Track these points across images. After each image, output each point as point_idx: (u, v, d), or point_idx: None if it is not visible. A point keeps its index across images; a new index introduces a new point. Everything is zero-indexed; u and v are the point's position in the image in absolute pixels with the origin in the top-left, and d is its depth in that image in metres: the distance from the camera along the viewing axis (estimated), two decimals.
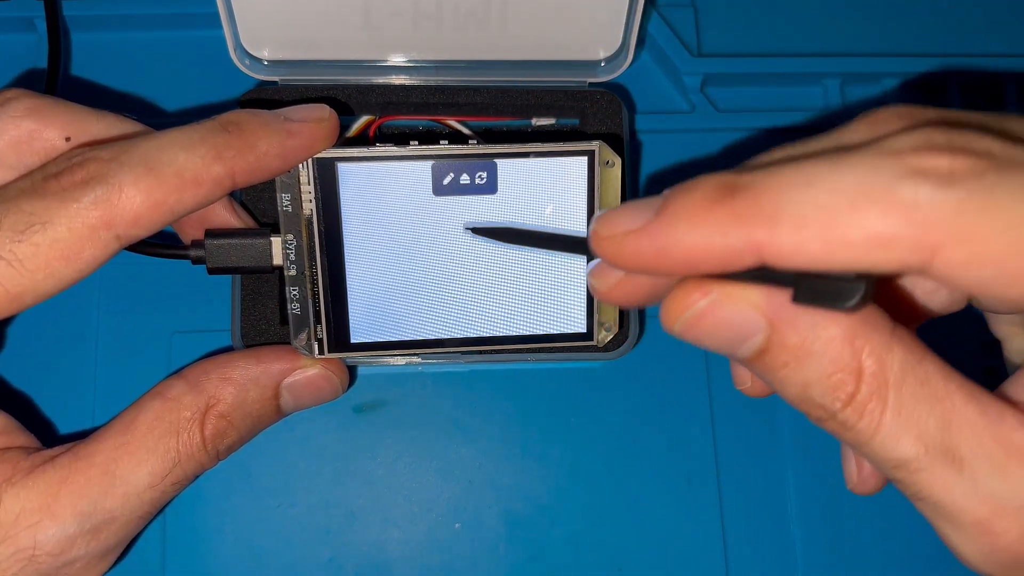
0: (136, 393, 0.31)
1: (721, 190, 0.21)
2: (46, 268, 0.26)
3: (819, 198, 0.20)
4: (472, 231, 0.32)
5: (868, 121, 0.22)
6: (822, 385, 0.22)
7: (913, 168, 0.19)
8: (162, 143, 0.28)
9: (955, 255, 0.19)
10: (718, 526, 0.39)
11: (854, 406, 0.22)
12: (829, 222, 0.19)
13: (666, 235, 0.21)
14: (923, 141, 0.20)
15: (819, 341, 0.22)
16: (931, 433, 0.21)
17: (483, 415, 0.39)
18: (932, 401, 0.21)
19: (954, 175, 0.19)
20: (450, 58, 0.39)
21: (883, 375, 0.21)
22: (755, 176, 0.21)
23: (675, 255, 0.21)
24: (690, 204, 0.21)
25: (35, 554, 0.27)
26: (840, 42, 0.44)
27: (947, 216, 0.19)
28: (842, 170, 0.20)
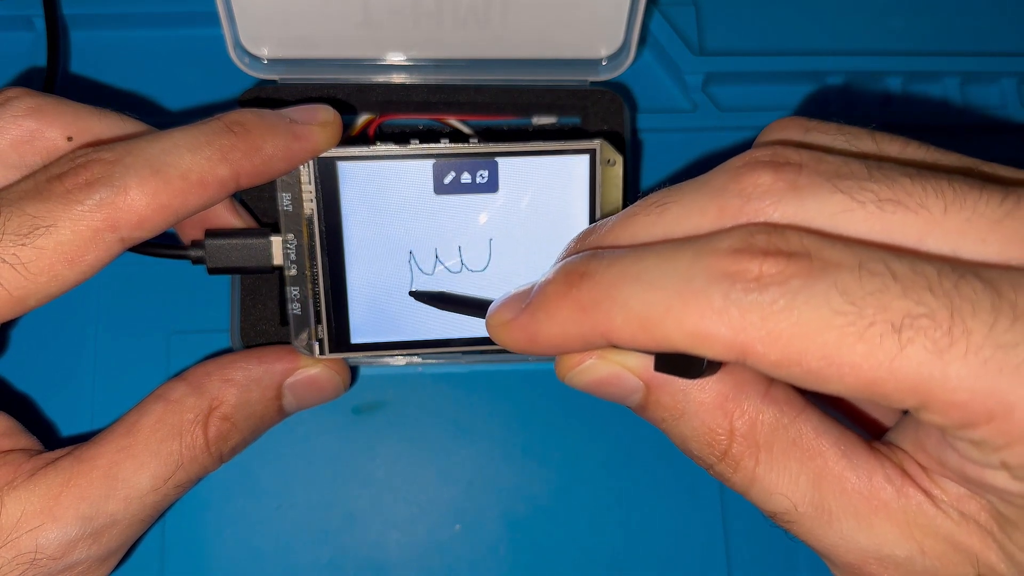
0: (136, 394, 0.31)
1: (569, 280, 0.23)
2: (49, 271, 0.26)
3: (644, 296, 0.21)
4: (413, 295, 0.33)
5: (732, 173, 0.23)
6: (697, 441, 0.25)
7: (726, 272, 0.20)
8: (167, 144, 0.28)
9: (765, 356, 0.20)
10: (720, 527, 0.38)
11: (727, 462, 0.24)
12: (651, 319, 0.21)
13: (530, 327, 0.25)
14: (743, 244, 0.21)
15: (691, 403, 0.25)
16: (801, 489, 0.24)
17: (483, 415, 0.39)
18: (804, 459, 0.24)
19: (762, 280, 0.20)
20: (451, 56, 0.39)
21: (753, 436, 0.24)
22: (599, 265, 0.23)
23: (542, 342, 0.24)
24: (545, 298, 0.24)
25: (36, 558, 0.27)
26: (842, 40, 0.44)
27: (754, 320, 0.20)
28: (667, 269, 0.21)
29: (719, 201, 0.23)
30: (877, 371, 0.19)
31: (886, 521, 0.23)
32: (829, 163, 0.22)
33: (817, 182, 0.22)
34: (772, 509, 0.24)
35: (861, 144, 0.24)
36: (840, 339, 0.19)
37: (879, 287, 0.19)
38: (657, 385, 0.25)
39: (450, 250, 0.33)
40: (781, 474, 0.24)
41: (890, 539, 0.23)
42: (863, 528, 0.23)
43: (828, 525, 0.23)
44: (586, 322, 0.23)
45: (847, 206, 0.21)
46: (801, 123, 0.25)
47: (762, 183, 0.22)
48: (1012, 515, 0.21)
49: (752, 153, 0.23)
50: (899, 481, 0.23)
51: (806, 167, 0.22)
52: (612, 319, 0.22)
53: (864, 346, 0.19)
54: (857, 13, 0.45)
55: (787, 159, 0.22)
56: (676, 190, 0.24)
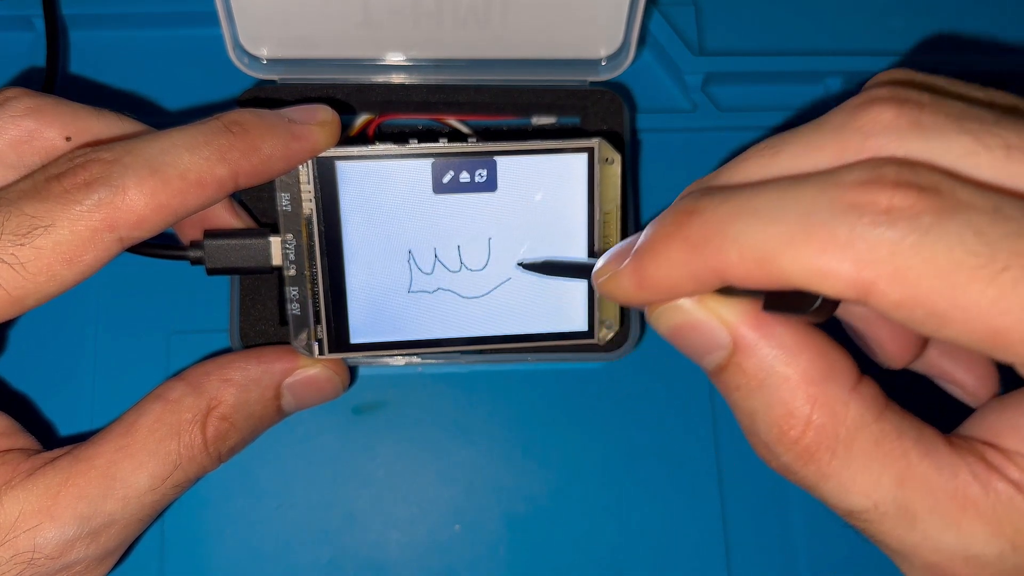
0: (135, 393, 0.31)
1: (680, 218, 0.22)
2: (48, 271, 0.26)
3: (762, 230, 0.20)
4: (522, 267, 0.33)
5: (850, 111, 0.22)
6: (767, 422, 0.23)
7: (853, 204, 0.19)
8: (165, 144, 0.28)
9: (888, 294, 0.19)
10: (720, 527, 0.38)
11: (798, 452, 0.23)
12: (769, 254, 0.20)
13: (640, 272, 0.23)
14: (871, 175, 0.20)
15: (774, 376, 0.23)
16: (884, 489, 0.22)
17: (483, 415, 0.39)
18: (886, 459, 0.22)
19: (892, 213, 0.19)
20: (450, 56, 0.39)
21: (833, 429, 0.22)
22: (711, 202, 0.22)
23: (652, 287, 0.23)
24: (655, 239, 0.23)
25: (34, 557, 0.27)
26: (842, 40, 0.44)
27: (881, 256, 0.19)
28: (787, 202, 0.20)
29: (838, 138, 0.22)
30: (1005, 317, 0.18)
31: (975, 519, 0.21)
32: (953, 105, 0.21)
33: (942, 121, 0.21)
34: (849, 507, 0.23)
35: (975, 95, 0.23)
36: (970, 281, 0.18)
37: (1015, 231, 0.18)
38: (745, 346, 0.23)
39: (449, 249, 0.33)
40: (861, 473, 0.22)
41: (980, 538, 0.21)
42: (950, 528, 0.22)
43: (911, 526, 0.22)
44: (697, 260, 0.22)
45: (973, 149, 0.20)
46: (911, 72, 0.24)
47: (884, 119, 0.21)
48: None
49: (870, 92, 0.22)
50: (985, 476, 0.22)
51: (929, 106, 0.21)
52: (726, 255, 0.21)
53: (995, 290, 0.18)
54: (857, 13, 0.45)
55: (908, 97, 0.21)
56: (789, 132, 0.23)
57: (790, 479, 0.24)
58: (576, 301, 0.34)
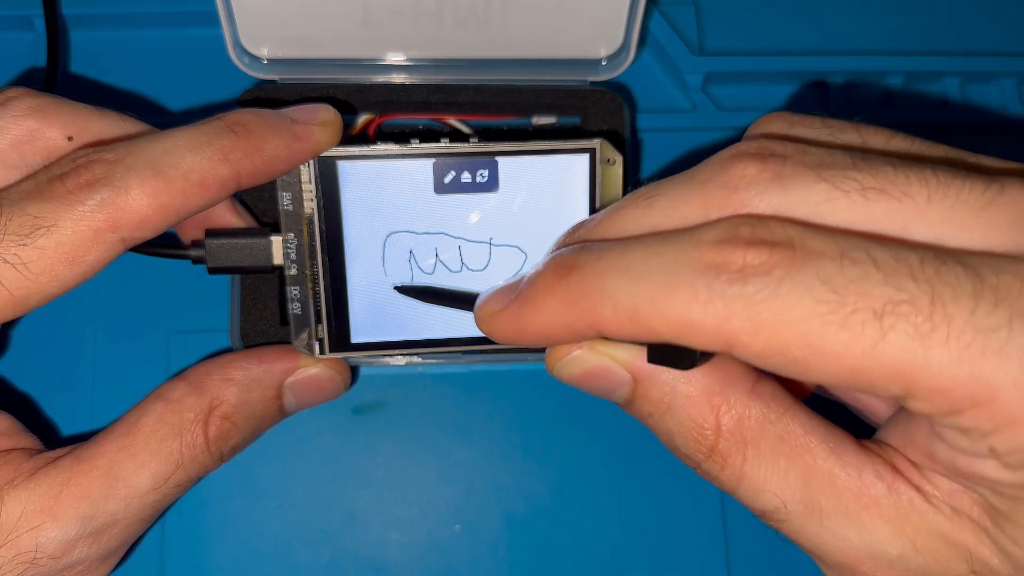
0: (136, 393, 0.31)
1: (558, 273, 0.24)
2: (50, 271, 0.26)
3: (632, 287, 0.22)
4: (397, 290, 0.33)
5: (718, 165, 0.23)
6: (683, 437, 0.25)
7: (710, 264, 0.21)
8: (168, 145, 0.28)
9: (750, 345, 0.20)
10: (720, 527, 0.38)
11: (714, 458, 0.24)
12: (639, 309, 0.21)
13: (519, 318, 0.25)
14: (726, 235, 0.21)
15: (678, 397, 0.25)
16: (791, 487, 0.23)
17: (483, 416, 0.39)
18: (792, 456, 0.23)
19: (746, 271, 0.20)
20: (451, 56, 0.39)
21: (740, 432, 0.24)
22: (588, 257, 0.23)
23: (531, 332, 0.25)
24: (534, 289, 0.24)
25: (37, 557, 0.27)
26: (842, 40, 0.44)
27: (738, 311, 0.20)
28: (653, 261, 0.22)
29: (705, 193, 0.23)
30: (860, 359, 0.19)
31: (877, 518, 0.23)
32: (813, 154, 0.22)
33: (801, 172, 0.22)
34: (761, 507, 0.24)
35: (845, 136, 0.24)
36: (823, 327, 0.19)
37: (860, 275, 0.19)
38: (645, 378, 0.25)
39: (450, 249, 0.33)
40: (769, 471, 0.24)
41: (882, 536, 0.23)
42: (854, 526, 0.23)
43: (819, 523, 0.23)
44: (575, 313, 0.23)
45: (831, 195, 0.21)
46: (786, 117, 0.25)
47: (747, 174, 0.22)
48: (1004, 507, 0.21)
49: (738, 146, 0.23)
50: (890, 477, 0.23)
51: (791, 158, 0.22)
52: (601, 310, 0.22)
53: (846, 333, 0.19)
54: (857, 13, 0.45)
55: (772, 151, 0.23)
56: (664, 183, 0.24)
57: (715, 485, 0.25)
58: None
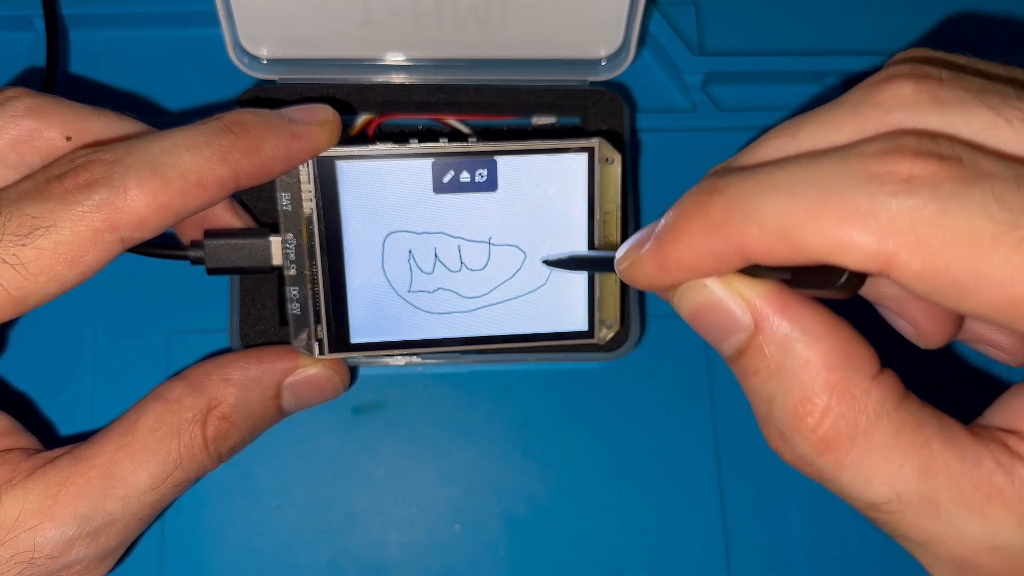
0: (135, 393, 0.31)
1: (700, 198, 0.22)
2: (49, 271, 0.26)
3: (782, 203, 0.20)
4: (547, 263, 0.33)
5: (870, 87, 0.22)
6: (785, 407, 0.22)
7: (873, 174, 0.19)
8: (166, 145, 0.28)
9: (909, 264, 0.19)
10: (720, 527, 0.38)
11: (815, 441, 0.22)
12: (790, 227, 0.20)
13: (661, 254, 0.23)
14: (891, 146, 0.20)
15: (794, 358, 0.22)
16: (907, 479, 0.21)
17: (483, 416, 0.39)
18: (908, 449, 0.22)
19: (912, 182, 0.19)
20: (450, 56, 0.39)
21: (852, 417, 0.22)
22: (731, 180, 0.22)
23: (673, 268, 0.23)
24: (676, 219, 0.23)
25: (34, 556, 0.27)
26: (842, 40, 0.44)
27: (902, 225, 0.19)
28: (806, 175, 0.20)
29: (858, 115, 0.22)
30: None
31: (1001, 508, 0.21)
32: (972, 80, 0.21)
33: (962, 96, 0.21)
34: (871, 499, 0.22)
35: (995, 71, 0.23)
36: (993, 248, 0.18)
37: None
38: (767, 328, 0.23)
39: (449, 249, 0.33)
40: (882, 463, 0.22)
41: (1006, 527, 0.21)
42: (975, 518, 0.21)
43: (935, 516, 0.21)
44: (719, 238, 0.21)
45: (994, 122, 0.20)
46: (929, 51, 0.24)
47: (903, 94, 0.21)
48: None
49: (889, 68, 0.22)
50: (1009, 463, 0.21)
51: (948, 81, 0.21)
52: (747, 231, 0.21)
53: (1019, 258, 0.18)
54: (857, 13, 0.45)
55: (927, 73, 0.21)
56: (809, 113, 0.23)
57: (805, 471, 0.23)
58: (576, 301, 0.34)
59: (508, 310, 0.34)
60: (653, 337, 0.40)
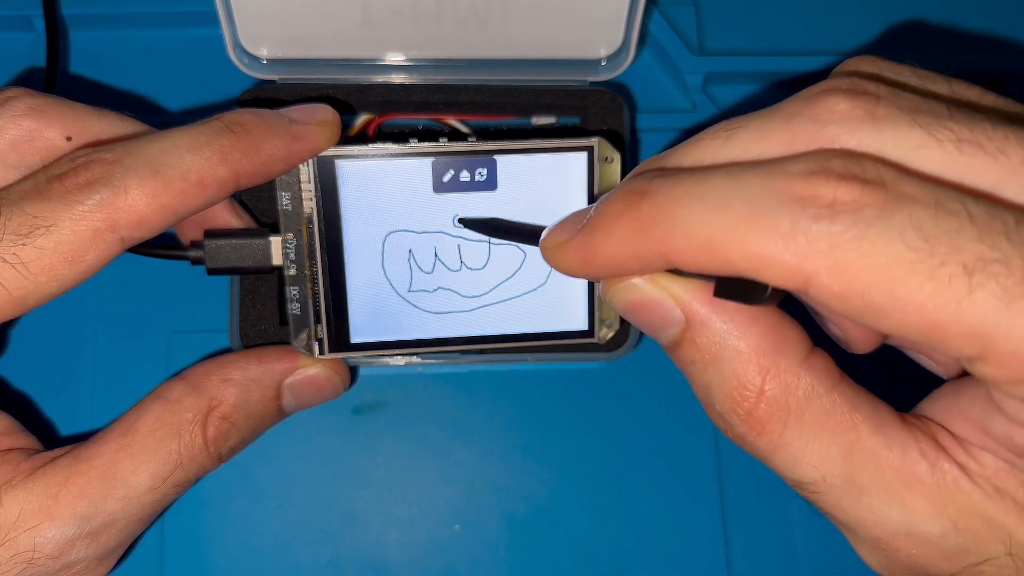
0: (135, 394, 0.31)
1: (629, 199, 0.22)
2: (50, 271, 0.26)
3: (708, 216, 0.21)
4: (462, 223, 0.33)
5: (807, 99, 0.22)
6: (722, 394, 0.24)
7: (797, 196, 0.20)
8: (166, 145, 0.28)
9: (828, 286, 0.19)
10: (720, 528, 0.38)
11: (751, 422, 0.23)
12: (714, 240, 0.20)
13: (587, 246, 0.24)
14: (817, 166, 0.20)
15: (727, 350, 0.23)
16: (832, 461, 0.23)
17: (483, 416, 0.39)
18: (836, 431, 0.23)
19: (835, 207, 0.19)
20: (450, 56, 0.39)
21: (784, 400, 0.23)
22: (661, 185, 0.22)
23: (598, 264, 0.24)
24: (603, 216, 0.23)
25: (35, 556, 0.27)
26: (842, 40, 0.44)
27: (821, 249, 0.19)
28: (734, 189, 0.20)
29: (792, 126, 0.22)
30: (941, 312, 0.18)
31: (920, 496, 0.22)
32: (908, 98, 0.21)
33: (895, 114, 0.21)
34: (798, 478, 0.23)
35: (937, 87, 0.23)
36: (908, 275, 0.18)
37: (955, 227, 0.18)
38: (697, 321, 0.24)
39: (449, 248, 0.33)
40: (811, 443, 0.23)
41: (923, 515, 0.22)
42: (895, 503, 0.22)
43: (858, 499, 0.23)
44: (645, 242, 0.22)
45: (925, 142, 0.20)
46: (876, 61, 0.24)
47: (839, 109, 0.21)
48: None
49: (828, 81, 0.22)
50: (933, 455, 0.22)
51: (885, 99, 0.21)
52: (673, 239, 0.21)
53: (932, 285, 0.18)
54: (856, 13, 0.45)
55: (865, 89, 0.22)
56: (745, 117, 0.23)
57: (746, 450, 0.24)
58: (576, 300, 0.34)
59: (508, 310, 0.34)
60: None
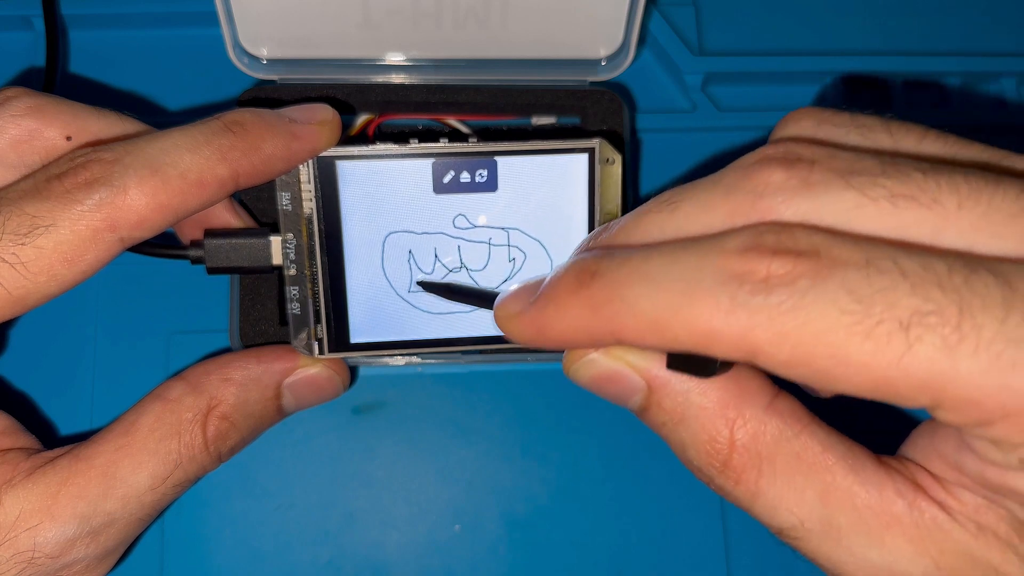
0: (135, 394, 0.31)
1: (580, 279, 0.23)
2: (49, 271, 0.26)
3: (653, 296, 0.21)
4: (420, 285, 0.33)
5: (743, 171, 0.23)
6: (696, 449, 0.24)
7: (734, 273, 0.20)
8: (166, 144, 0.28)
9: (774, 355, 0.20)
10: (720, 528, 0.38)
11: (728, 473, 0.24)
12: (660, 318, 0.21)
13: (539, 321, 0.24)
14: (751, 243, 0.20)
15: (692, 407, 0.24)
16: (809, 504, 0.23)
17: (483, 416, 0.39)
18: (809, 473, 0.23)
19: (769, 281, 0.19)
20: (450, 56, 0.39)
21: (755, 448, 0.23)
22: (610, 265, 0.23)
23: (550, 336, 0.24)
24: (555, 294, 0.24)
25: (35, 556, 0.27)
26: (842, 40, 0.44)
27: (761, 321, 0.19)
28: (673, 269, 0.21)
29: (730, 199, 0.22)
30: (887, 370, 0.19)
31: (899, 536, 0.22)
32: (842, 159, 0.22)
33: (829, 178, 0.21)
34: (778, 525, 0.24)
35: (876, 136, 0.23)
36: (848, 338, 0.19)
37: (887, 284, 0.19)
38: (659, 386, 0.25)
39: (449, 249, 0.33)
40: (785, 488, 0.23)
41: (904, 555, 0.22)
42: (874, 544, 0.22)
43: (837, 542, 0.23)
44: (596, 320, 0.22)
45: (859, 202, 0.21)
46: (814, 115, 0.24)
47: (773, 180, 0.22)
48: None
49: (764, 150, 0.23)
50: (911, 495, 0.22)
51: (819, 163, 0.22)
52: (622, 319, 0.22)
53: (872, 344, 0.19)
54: (857, 13, 0.45)
55: (799, 155, 0.22)
56: (687, 188, 0.24)
57: (729, 500, 0.24)
58: None
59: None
60: None
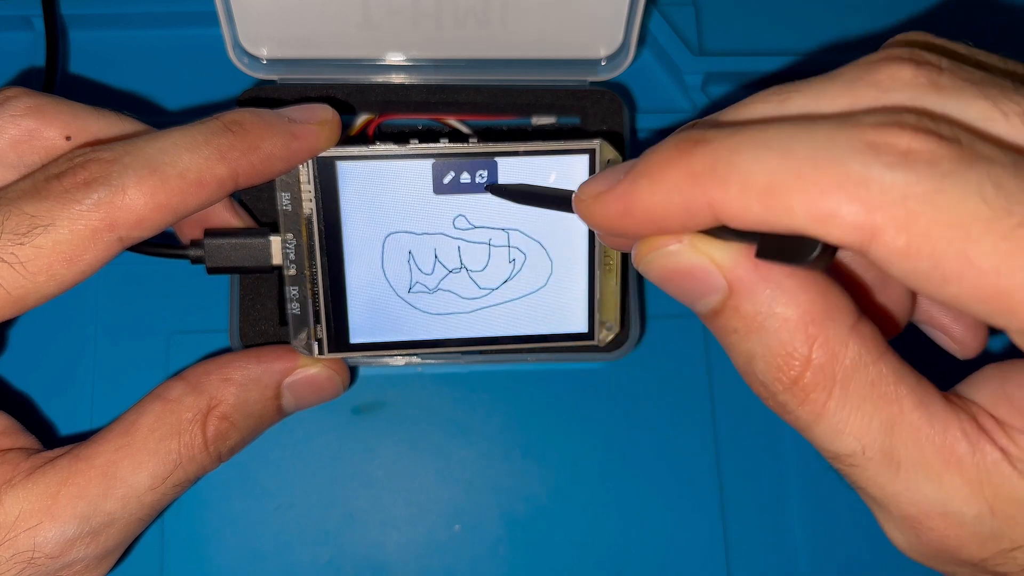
0: (135, 394, 0.31)
1: (684, 146, 0.21)
2: (48, 270, 0.26)
3: (770, 163, 0.19)
4: (490, 190, 0.32)
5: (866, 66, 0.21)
6: (766, 362, 0.22)
7: (871, 143, 0.19)
8: (165, 144, 0.28)
9: (894, 241, 0.18)
10: (719, 528, 0.38)
11: (795, 391, 0.22)
12: (776, 186, 0.19)
13: (629, 195, 0.22)
14: (891, 119, 0.19)
15: (773, 318, 0.22)
16: (873, 433, 0.22)
17: (483, 416, 0.39)
18: (879, 402, 0.22)
19: (910, 156, 0.18)
20: (450, 56, 0.39)
21: (831, 369, 0.22)
22: (719, 133, 0.21)
23: (638, 214, 0.22)
24: (651, 163, 0.21)
25: (35, 556, 0.27)
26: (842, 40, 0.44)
27: (893, 199, 0.18)
28: (800, 136, 0.19)
29: (852, 91, 0.21)
30: (1012, 279, 0.17)
31: (958, 476, 0.21)
32: (970, 71, 0.20)
33: (960, 85, 0.20)
34: (837, 450, 0.22)
35: (992, 63, 0.22)
36: (984, 234, 0.17)
37: None
38: (742, 289, 0.22)
39: (449, 250, 0.33)
40: (854, 414, 0.22)
41: (959, 495, 0.21)
42: (932, 480, 0.21)
43: (895, 474, 0.22)
44: (695, 190, 0.20)
45: (991, 114, 0.19)
46: (930, 36, 0.23)
47: (902, 76, 0.20)
48: None
49: (887, 50, 0.21)
50: (975, 436, 0.21)
51: (947, 70, 0.20)
52: (727, 187, 0.20)
53: (1008, 246, 0.17)
54: (858, 13, 0.45)
55: (926, 59, 0.21)
56: (799, 82, 0.22)
57: (785, 418, 0.23)
58: (576, 302, 0.34)
59: (508, 311, 0.34)
60: (653, 337, 0.40)
